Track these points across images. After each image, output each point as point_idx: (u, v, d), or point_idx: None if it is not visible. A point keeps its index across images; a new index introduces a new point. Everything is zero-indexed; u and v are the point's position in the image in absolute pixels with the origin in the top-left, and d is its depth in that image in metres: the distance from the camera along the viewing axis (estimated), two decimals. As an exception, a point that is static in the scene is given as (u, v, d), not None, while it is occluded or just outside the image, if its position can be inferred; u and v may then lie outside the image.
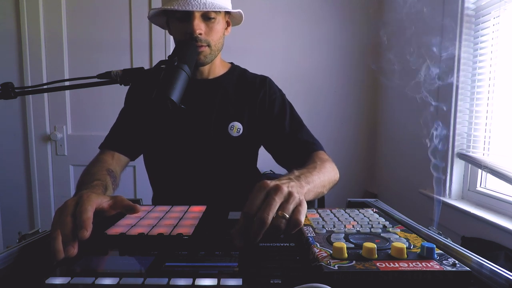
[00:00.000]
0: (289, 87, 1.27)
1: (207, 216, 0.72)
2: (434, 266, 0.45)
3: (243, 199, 0.78)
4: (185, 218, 0.70)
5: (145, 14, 1.03)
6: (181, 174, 1.07)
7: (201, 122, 1.04)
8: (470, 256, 0.50)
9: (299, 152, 1.01)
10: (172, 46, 2.09)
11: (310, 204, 0.88)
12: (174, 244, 0.56)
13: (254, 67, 1.18)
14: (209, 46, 0.97)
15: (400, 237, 0.56)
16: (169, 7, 0.91)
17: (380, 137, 2.26)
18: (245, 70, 1.14)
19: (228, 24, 1.06)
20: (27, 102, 2.15)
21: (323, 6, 2.19)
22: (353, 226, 0.62)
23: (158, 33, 2.11)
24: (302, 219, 0.55)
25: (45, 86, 0.71)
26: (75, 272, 0.47)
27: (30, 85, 1.63)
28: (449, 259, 0.47)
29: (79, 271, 0.47)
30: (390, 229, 0.61)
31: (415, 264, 0.45)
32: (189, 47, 0.84)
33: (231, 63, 1.15)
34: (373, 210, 0.75)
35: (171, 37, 1.02)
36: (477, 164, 1.42)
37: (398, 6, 1.97)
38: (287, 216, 0.55)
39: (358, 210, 0.74)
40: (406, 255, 0.47)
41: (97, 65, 2.12)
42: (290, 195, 0.57)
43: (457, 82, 1.48)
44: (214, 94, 1.06)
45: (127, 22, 2.14)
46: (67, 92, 2.19)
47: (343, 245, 0.48)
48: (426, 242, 0.51)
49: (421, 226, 0.64)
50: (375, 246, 0.48)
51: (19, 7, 2.08)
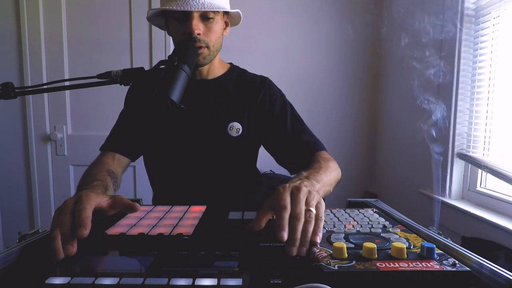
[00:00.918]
0: (289, 87, 1.27)
1: (207, 216, 0.72)
2: (434, 266, 0.45)
3: (243, 199, 0.77)
4: (185, 218, 0.70)
5: (145, 14, 1.03)
6: (181, 174, 1.07)
7: (200, 123, 1.04)
8: (470, 256, 0.50)
9: (302, 152, 1.02)
10: (172, 46, 2.08)
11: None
12: (174, 244, 0.56)
13: (254, 67, 1.18)
14: (207, 46, 0.97)
15: (400, 237, 0.56)
16: (167, 7, 0.91)
17: (380, 137, 2.26)
18: (244, 70, 1.14)
19: (226, 24, 1.06)
20: (27, 102, 2.15)
21: (323, 6, 2.19)
22: (353, 226, 0.62)
23: (158, 33, 2.11)
24: (323, 214, 0.59)
25: (45, 86, 0.71)
26: (75, 272, 0.47)
27: (30, 85, 1.63)
28: (449, 259, 0.47)
29: (79, 271, 0.47)
30: (390, 229, 0.61)
31: (415, 264, 0.45)
32: (189, 47, 0.84)
33: (230, 64, 1.15)
34: (373, 210, 0.75)
35: (171, 37, 1.02)
36: (477, 164, 1.42)
37: (398, 6, 1.97)
38: (314, 210, 0.57)
39: (358, 210, 0.74)
40: (406, 255, 0.47)
41: (97, 65, 2.12)
42: (310, 193, 0.60)
43: (457, 82, 1.48)
44: (214, 95, 1.06)
45: (127, 22, 2.14)
46: (67, 92, 2.19)
47: (343, 245, 0.48)
48: (426, 242, 0.51)
49: (421, 226, 0.64)
50: (375, 246, 0.48)
51: (19, 7, 2.08)
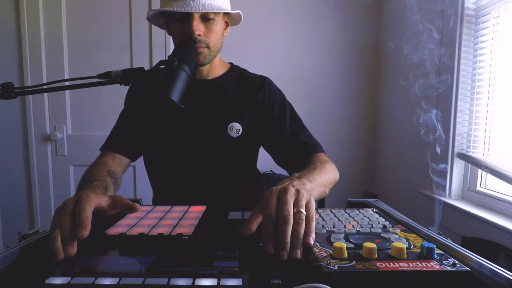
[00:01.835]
0: (289, 87, 1.27)
1: (207, 216, 0.72)
2: (434, 266, 0.45)
3: (243, 199, 0.77)
4: (185, 218, 0.70)
5: (145, 14, 1.03)
6: (181, 174, 1.07)
7: (200, 123, 1.04)
8: (470, 256, 0.50)
9: (299, 153, 1.01)
10: (172, 46, 2.08)
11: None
12: (174, 244, 0.56)
13: (254, 67, 1.18)
14: (208, 47, 0.97)
15: (400, 237, 0.56)
16: (168, 9, 0.91)
17: (380, 137, 2.26)
18: (244, 70, 1.14)
19: (227, 24, 1.06)
20: (27, 102, 2.15)
21: (323, 6, 2.19)
22: (353, 226, 0.62)
23: (158, 33, 2.11)
24: (314, 213, 0.58)
25: (45, 86, 0.71)
26: (75, 272, 0.47)
27: (30, 85, 1.63)
28: (449, 259, 0.47)
29: (79, 271, 0.47)
30: (390, 229, 0.61)
31: (415, 264, 0.45)
32: (189, 47, 0.84)
33: (231, 63, 1.15)
34: (373, 210, 0.75)
35: (171, 37, 1.02)
36: (477, 164, 1.42)
37: (398, 6, 1.97)
38: (303, 211, 0.56)
39: (358, 210, 0.74)
40: (406, 255, 0.47)
41: (97, 65, 2.12)
42: (298, 192, 0.60)
43: (457, 82, 1.48)
44: (214, 95, 1.06)
45: (127, 22, 2.14)
46: (67, 92, 2.19)
47: (343, 245, 0.48)
48: (426, 242, 0.51)
49: (421, 226, 0.64)
50: (375, 246, 0.48)
51: (19, 7, 2.08)
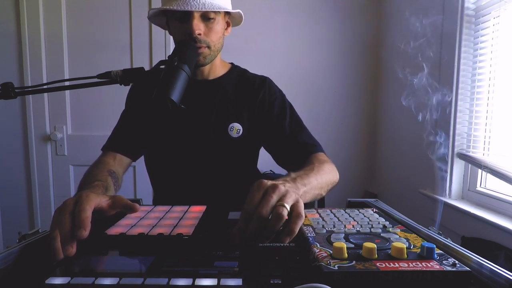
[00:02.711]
0: (289, 87, 1.27)
1: (207, 216, 0.72)
2: (434, 266, 0.45)
3: (243, 199, 0.78)
4: (185, 218, 0.70)
5: (145, 14, 1.03)
6: (181, 174, 1.07)
7: (201, 123, 1.04)
8: (470, 256, 0.50)
9: (299, 153, 1.01)
10: (172, 46, 2.09)
11: (309, 205, 0.88)
12: (174, 244, 0.56)
13: (254, 67, 1.18)
14: (208, 46, 0.97)
15: (400, 237, 0.56)
16: (168, 7, 0.91)
17: (380, 137, 2.26)
18: (245, 71, 1.14)
19: (228, 24, 1.06)
20: (27, 102, 2.15)
21: (323, 6, 2.19)
22: (353, 226, 0.62)
23: (158, 33, 2.11)
24: (303, 213, 0.55)
25: (45, 86, 0.71)
26: (75, 272, 0.47)
27: (30, 85, 1.63)
28: (449, 259, 0.47)
29: (79, 271, 0.47)
30: (390, 229, 0.61)
31: (415, 264, 0.45)
32: (189, 47, 0.84)
33: (231, 63, 1.15)
34: (373, 210, 0.75)
35: (171, 37, 1.02)
36: (477, 164, 1.42)
37: (398, 6, 1.97)
38: (287, 206, 0.54)
39: (358, 210, 0.74)
40: (406, 255, 0.47)
41: (97, 65, 2.12)
42: (287, 192, 0.58)
43: (457, 82, 1.48)
44: (214, 95, 1.06)
45: (127, 22, 2.14)
46: (67, 92, 2.19)
47: (343, 245, 0.48)
48: (426, 242, 0.51)
49: (421, 226, 0.64)
50: (375, 246, 0.48)
51: (19, 7, 2.08)
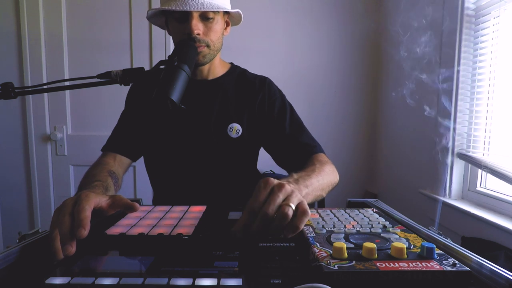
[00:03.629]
0: (289, 87, 1.27)
1: (207, 216, 0.72)
2: (434, 266, 0.45)
3: (243, 200, 0.78)
4: (185, 218, 0.70)
5: (145, 14, 1.03)
6: (181, 174, 1.07)
7: (200, 124, 1.04)
8: (470, 256, 0.50)
9: (299, 154, 1.01)
10: (172, 46, 2.09)
11: (310, 205, 0.88)
12: (174, 244, 0.56)
13: (254, 67, 1.18)
14: (207, 46, 0.97)
15: (400, 237, 0.56)
16: (167, 8, 0.91)
17: (380, 137, 2.26)
18: (244, 71, 1.14)
19: (227, 24, 1.06)
20: (27, 102, 2.15)
21: (323, 6, 2.19)
22: (353, 226, 0.62)
23: (158, 33, 2.11)
24: (309, 210, 0.56)
25: (45, 86, 0.71)
26: (75, 272, 0.47)
27: (30, 85, 1.63)
28: (449, 259, 0.47)
29: (79, 271, 0.47)
30: (390, 229, 0.61)
31: (415, 264, 0.45)
32: (189, 47, 0.84)
33: (231, 63, 1.15)
34: (373, 210, 0.75)
35: (171, 37, 1.02)
36: (477, 164, 1.42)
37: (398, 6, 1.97)
38: (293, 205, 0.55)
39: (358, 210, 0.74)
40: (406, 255, 0.47)
41: (97, 65, 2.12)
42: (293, 192, 0.58)
43: (457, 82, 1.48)
44: (214, 95, 1.06)
45: (127, 22, 2.14)
46: (67, 92, 2.19)
47: (343, 245, 0.48)
48: (426, 242, 0.51)
49: (421, 226, 0.64)
50: (375, 246, 0.48)
51: (19, 7, 2.08)
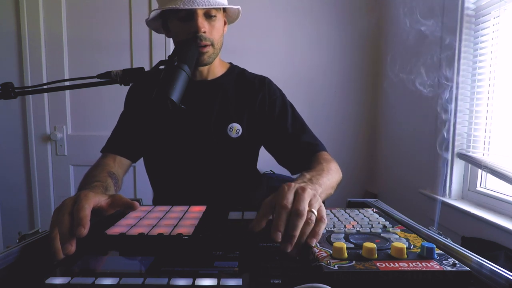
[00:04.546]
0: (289, 87, 1.27)
1: (207, 216, 0.72)
2: (434, 266, 0.45)
3: (243, 199, 0.77)
4: (185, 218, 0.70)
5: (145, 14, 1.03)
6: (181, 174, 1.07)
7: (200, 124, 1.04)
8: (470, 256, 0.50)
9: (302, 153, 1.01)
10: (172, 46, 2.09)
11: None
12: (174, 244, 0.56)
13: (254, 67, 1.18)
14: (212, 45, 0.97)
15: (400, 237, 0.56)
16: (172, 6, 0.90)
17: (380, 137, 2.26)
18: (244, 70, 1.14)
19: (224, 22, 1.06)
20: (27, 102, 2.15)
21: (323, 6, 2.19)
22: (353, 226, 0.62)
23: (158, 33, 2.11)
24: (326, 217, 0.58)
25: (45, 86, 0.71)
26: (75, 272, 0.47)
27: (30, 85, 1.63)
28: (449, 259, 0.47)
29: (79, 271, 0.47)
30: (390, 229, 0.61)
31: (415, 264, 0.45)
32: (189, 47, 0.83)
33: (230, 63, 1.15)
34: (373, 210, 0.75)
35: (172, 38, 1.01)
36: (477, 164, 1.42)
37: (398, 6, 1.97)
38: (315, 211, 0.57)
39: (358, 210, 0.74)
40: (406, 255, 0.47)
41: (97, 65, 2.12)
42: (314, 196, 0.60)
43: (457, 82, 1.48)
44: (213, 96, 1.06)
45: (127, 22, 2.14)
46: (67, 92, 2.19)
47: (343, 245, 0.48)
48: (426, 242, 0.51)
49: (421, 226, 0.64)
50: (375, 246, 0.48)
51: (19, 7, 2.08)
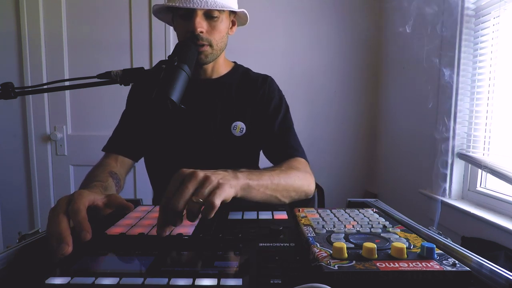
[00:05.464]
0: (289, 87, 1.27)
1: (207, 216, 0.72)
2: (434, 266, 0.45)
3: (244, 199, 0.77)
4: (185, 218, 0.70)
5: (145, 14, 1.03)
6: None
7: (204, 122, 1.04)
8: (470, 256, 0.50)
9: (280, 153, 1.03)
10: (172, 46, 2.09)
11: (310, 205, 0.88)
12: (174, 244, 0.56)
13: (254, 67, 1.18)
14: (210, 45, 0.97)
15: (400, 237, 0.56)
16: (171, 4, 0.91)
17: (380, 137, 2.26)
18: (248, 70, 1.14)
19: (233, 23, 1.05)
20: (27, 102, 2.15)
21: (323, 6, 2.19)
22: (353, 226, 0.62)
23: (158, 33, 2.11)
24: (217, 202, 0.56)
25: (45, 86, 0.71)
26: (75, 272, 0.47)
27: (30, 85, 1.63)
28: (449, 259, 0.47)
29: (79, 271, 0.47)
30: (390, 229, 0.61)
31: (415, 264, 0.45)
32: (189, 47, 0.84)
33: (234, 62, 1.15)
34: (373, 210, 0.75)
35: (171, 37, 1.02)
36: (477, 164, 1.42)
37: (398, 6, 1.97)
38: (201, 200, 0.55)
39: (358, 210, 0.74)
40: (406, 255, 0.47)
41: (97, 65, 2.12)
42: (205, 180, 0.58)
43: (457, 82, 1.48)
44: (218, 94, 1.06)
45: (127, 22, 2.14)
46: (67, 92, 2.19)
47: (343, 245, 0.48)
48: (426, 242, 0.51)
49: (421, 226, 0.64)
50: (375, 246, 0.48)
51: (19, 7, 2.08)
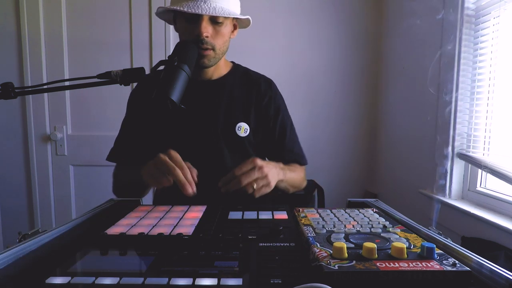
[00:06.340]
0: (289, 87, 1.28)
1: (207, 216, 0.72)
2: (434, 266, 0.45)
3: (245, 199, 0.78)
4: (185, 218, 0.70)
5: (145, 14, 1.03)
6: None
7: (208, 123, 1.04)
8: (470, 256, 0.50)
9: (283, 159, 1.08)
10: (172, 46, 2.09)
11: (310, 205, 0.91)
12: (174, 244, 0.56)
13: (254, 67, 1.18)
14: (213, 49, 0.97)
15: (400, 237, 0.56)
16: (178, 8, 0.91)
17: (380, 137, 2.26)
18: (247, 69, 1.15)
19: (235, 27, 1.06)
20: (27, 102, 2.15)
21: (323, 6, 2.19)
22: (353, 226, 0.62)
23: (158, 33, 2.11)
24: (258, 194, 0.86)
25: (45, 86, 0.71)
26: (75, 272, 0.47)
27: (30, 85, 1.63)
28: (449, 259, 0.47)
29: (79, 271, 0.47)
30: (390, 229, 0.61)
31: (415, 264, 0.45)
32: (189, 47, 0.84)
33: (232, 62, 1.15)
34: (373, 210, 0.75)
35: (171, 37, 1.02)
36: (477, 164, 1.42)
37: (398, 6, 1.97)
38: (255, 187, 0.83)
39: (358, 210, 0.74)
40: (406, 255, 0.47)
41: (97, 65, 2.12)
42: (265, 176, 0.84)
43: (457, 82, 1.48)
44: (220, 95, 1.07)
45: (127, 22, 2.14)
46: (67, 92, 2.19)
47: (343, 245, 0.48)
48: (426, 242, 0.51)
49: (421, 226, 0.64)
50: (375, 246, 0.48)
51: (19, 7, 2.08)
